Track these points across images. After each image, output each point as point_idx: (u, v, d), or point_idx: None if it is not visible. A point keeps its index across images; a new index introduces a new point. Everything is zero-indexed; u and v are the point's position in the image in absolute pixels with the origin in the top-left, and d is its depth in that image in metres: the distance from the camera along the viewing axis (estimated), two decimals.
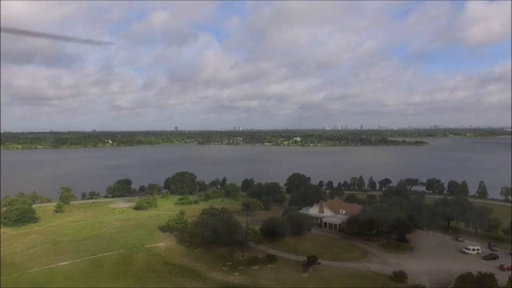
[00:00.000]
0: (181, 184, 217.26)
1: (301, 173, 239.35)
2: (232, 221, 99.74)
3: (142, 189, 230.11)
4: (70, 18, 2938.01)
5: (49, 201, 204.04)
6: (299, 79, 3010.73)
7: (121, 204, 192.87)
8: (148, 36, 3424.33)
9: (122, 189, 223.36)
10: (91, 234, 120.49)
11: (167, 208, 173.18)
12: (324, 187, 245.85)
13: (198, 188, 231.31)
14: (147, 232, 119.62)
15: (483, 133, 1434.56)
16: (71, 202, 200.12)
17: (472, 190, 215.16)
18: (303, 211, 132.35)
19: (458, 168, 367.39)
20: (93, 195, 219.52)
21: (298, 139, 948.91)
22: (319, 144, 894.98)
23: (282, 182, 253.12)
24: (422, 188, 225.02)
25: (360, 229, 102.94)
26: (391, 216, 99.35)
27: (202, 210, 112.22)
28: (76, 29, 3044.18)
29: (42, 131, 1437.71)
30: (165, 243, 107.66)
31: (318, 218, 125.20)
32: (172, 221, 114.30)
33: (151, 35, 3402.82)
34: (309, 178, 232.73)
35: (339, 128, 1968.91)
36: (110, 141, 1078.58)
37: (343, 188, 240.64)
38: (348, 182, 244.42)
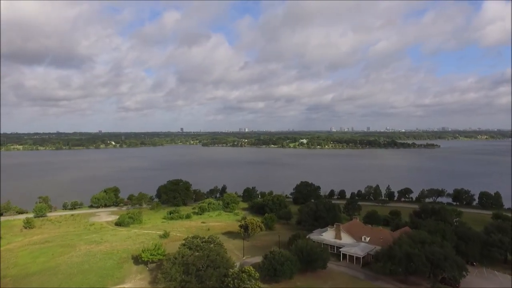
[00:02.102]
0: (174, 194, 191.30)
1: (309, 181, 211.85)
2: (220, 259, 73.43)
3: (131, 198, 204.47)
4: (82, 19, 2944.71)
5: (23, 212, 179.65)
6: (308, 80, 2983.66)
7: (103, 217, 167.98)
8: (159, 37, 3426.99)
9: (108, 198, 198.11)
10: (46, 265, 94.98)
11: (152, 224, 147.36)
12: (335, 197, 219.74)
13: (194, 197, 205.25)
14: (115, 264, 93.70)
15: (495, 135, 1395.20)
16: (49, 214, 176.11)
17: (506, 201, 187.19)
18: (315, 235, 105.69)
19: (481, 173, 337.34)
20: (75, 205, 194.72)
21: (305, 141, 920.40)
22: (326, 147, 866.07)
23: (287, 189, 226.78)
24: (448, 200, 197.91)
25: (395, 269, 76.00)
26: (438, 253, 72.47)
27: (184, 240, 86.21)
28: (87, 29, 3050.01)
29: (49, 132, 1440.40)
30: (133, 284, 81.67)
31: (334, 246, 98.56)
32: (146, 251, 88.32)
33: (163, 35, 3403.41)
34: (318, 187, 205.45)
35: (346, 130, 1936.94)
36: (113, 143, 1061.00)
37: (357, 198, 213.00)
38: (363, 191, 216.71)
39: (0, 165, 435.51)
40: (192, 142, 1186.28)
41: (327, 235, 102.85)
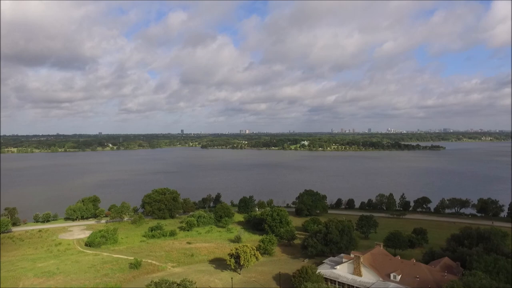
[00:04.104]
0: (159, 205, 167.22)
1: (314, 189, 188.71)
2: None
3: (112, 209, 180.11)
4: (88, 20, 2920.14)
5: None
6: (312, 82, 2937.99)
7: (75, 234, 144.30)
8: (165, 38, 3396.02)
9: (85, 210, 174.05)
10: None
11: (128, 245, 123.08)
12: (343, 207, 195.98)
13: (182, 208, 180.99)
14: None
15: (498, 136, 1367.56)
16: (15, 229, 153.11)
17: None
18: (326, 268, 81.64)
19: (502, 178, 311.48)
20: (47, 218, 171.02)
21: (306, 143, 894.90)
22: (328, 149, 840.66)
23: (289, 197, 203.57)
24: (472, 211, 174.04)
25: None
26: None
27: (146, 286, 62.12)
28: (92, 31, 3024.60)
29: (47, 134, 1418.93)
30: None
31: (353, 286, 74.43)
32: None
33: (168, 36, 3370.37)
34: (324, 197, 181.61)
35: (347, 131, 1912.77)
36: (110, 145, 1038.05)
37: (367, 208, 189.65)
38: (374, 200, 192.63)
39: (0, 169, 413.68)
40: (191, 144, 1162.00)
41: (343, 269, 78.63)
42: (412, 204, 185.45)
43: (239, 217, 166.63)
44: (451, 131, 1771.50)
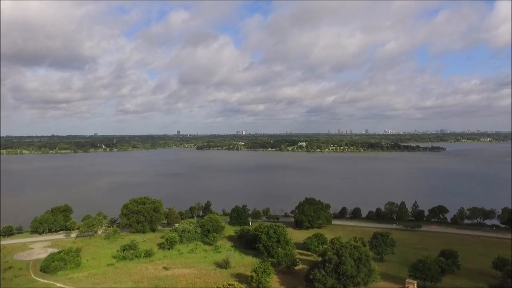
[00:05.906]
0: (137, 217, 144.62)
1: (314, 195, 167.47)
2: None
3: (87, 220, 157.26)
4: (88, 19, 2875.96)
5: None
6: (312, 82, 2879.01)
7: (35, 253, 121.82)
8: (165, 37, 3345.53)
9: (54, 221, 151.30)
10: None
11: (91, 271, 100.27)
12: (348, 216, 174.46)
13: (166, 219, 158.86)
14: None
15: (498, 137, 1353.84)
16: None
17: None
18: None
19: None
20: (9, 231, 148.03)
21: (304, 144, 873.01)
22: (326, 150, 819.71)
23: (287, 205, 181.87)
24: (496, 221, 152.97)
25: None
26: None
27: None
28: (92, 30, 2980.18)
29: (41, 135, 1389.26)
30: None
31: None
32: None
33: (169, 36, 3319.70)
34: (328, 206, 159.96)
35: (344, 132, 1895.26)
36: (103, 146, 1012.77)
37: (375, 218, 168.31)
38: (382, 209, 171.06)
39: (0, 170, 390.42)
40: (186, 145, 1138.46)
41: None
42: (426, 213, 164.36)
43: (230, 230, 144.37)
44: (448, 132, 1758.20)
